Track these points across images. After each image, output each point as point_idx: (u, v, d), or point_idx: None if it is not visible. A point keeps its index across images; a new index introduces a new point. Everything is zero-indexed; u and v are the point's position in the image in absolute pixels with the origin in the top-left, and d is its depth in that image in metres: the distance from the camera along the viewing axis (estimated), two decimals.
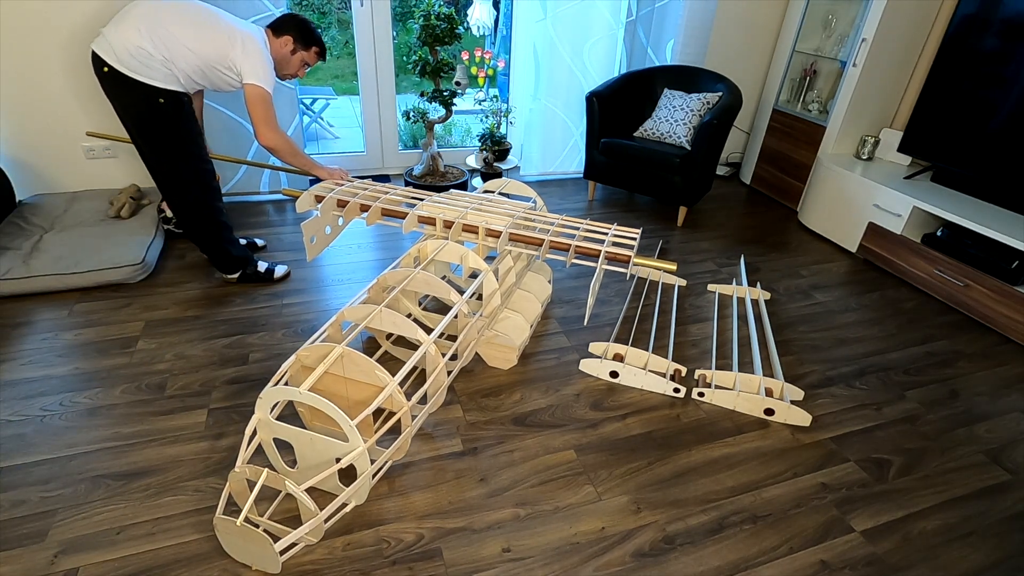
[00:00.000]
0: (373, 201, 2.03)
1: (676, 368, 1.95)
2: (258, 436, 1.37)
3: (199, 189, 2.10)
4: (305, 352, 1.40)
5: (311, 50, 2.17)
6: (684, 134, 3.07)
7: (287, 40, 2.09)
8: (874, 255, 2.80)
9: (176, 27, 1.87)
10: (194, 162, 2.06)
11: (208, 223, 2.17)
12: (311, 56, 2.18)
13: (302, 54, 2.15)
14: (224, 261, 2.28)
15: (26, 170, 2.68)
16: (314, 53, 2.19)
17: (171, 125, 1.97)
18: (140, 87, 1.86)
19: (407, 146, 3.71)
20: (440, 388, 1.56)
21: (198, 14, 1.93)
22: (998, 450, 1.76)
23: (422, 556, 1.35)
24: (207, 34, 1.90)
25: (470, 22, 3.19)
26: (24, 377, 1.81)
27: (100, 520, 1.38)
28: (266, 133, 2.00)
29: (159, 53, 1.85)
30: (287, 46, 2.10)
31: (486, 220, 1.95)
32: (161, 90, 1.89)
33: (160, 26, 1.85)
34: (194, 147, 2.05)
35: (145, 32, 1.83)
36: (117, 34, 1.84)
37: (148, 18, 1.86)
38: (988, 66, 2.47)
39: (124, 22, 1.86)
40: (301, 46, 2.13)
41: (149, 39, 1.84)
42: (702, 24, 3.30)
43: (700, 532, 1.45)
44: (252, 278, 2.34)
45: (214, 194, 2.16)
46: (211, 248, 2.24)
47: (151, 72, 1.86)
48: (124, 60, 1.84)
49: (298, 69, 2.19)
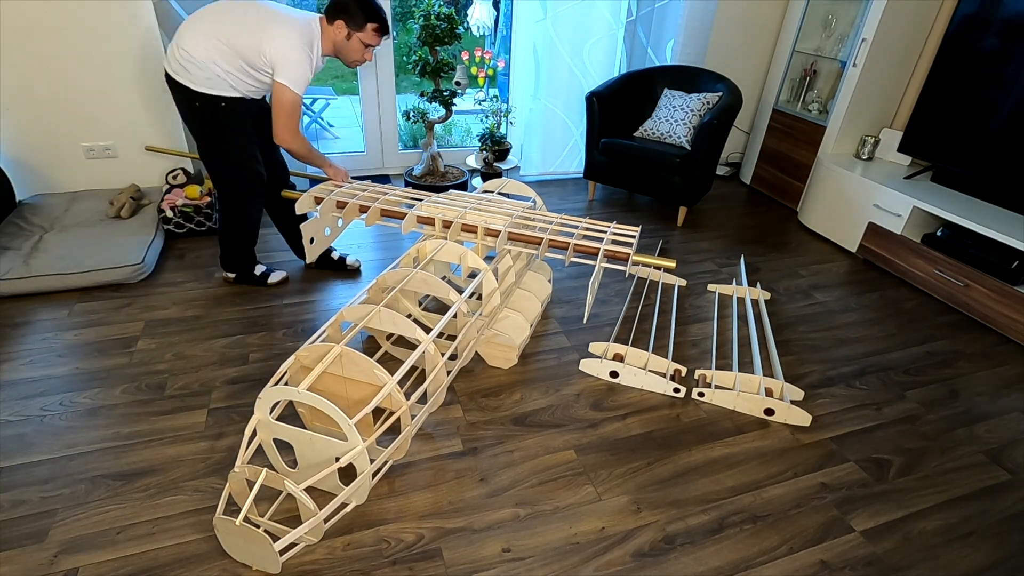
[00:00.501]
0: (372, 202, 2.03)
1: (676, 368, 1.95)
2: (258, 436, 1.37)
3: (231, 189, 2.10)
4: (304, 352, 1.40)
5: (367, 28, 1.94)
6: (684, 134, 3.07)
7: (340, 25, 1.92)
8: (874, 255, 2.80)
9: (224, 28, 1.84)
10: (229, 163, 2.05)
11: (230, 221, 2.18)
12: (369, 35, 1.96)
13: (358, 36, 1.95)
14: (227, 258, 2.28)
15: (26, 170, 2.68)
16: (371, 31, 1.95)
17: (208, 127, 1.97)
18: (182, 90, 1.90)
19: (407, 146, 3.72)
20: (440, 387, 1.56)
21: (250, 11, 1.88)
22: (998, 450, 1.76)
23: (422, 556, 1.35)
24: (249, 31, 1.84)
25: (470, 22, 3.19)
26: (24, 377, 1.81)
27: (100, 520, 1.38)
28: (284, 137, 1.97)
29: (202, 57, 1.84)
30: (341, 31, 1.93)
31: (485, 220, 1.95)
32: (197, 94, 1.89)
33: (209, 28, 1.84)
34: (232, 149, 2.03)
35: (195, 34, 1.84)
36: (176, 40, 1.87)
37: (202, 20, 1.86)
38: (988, 66, 2.47)
39: (184, 28, 1.87)
40: (355, 27, 1.93)
41: (195, 41, 1.84)
42: (702, 24, 3.30)
43: (700, 532, 1.45)
44: (247, 279, 2.33)
45: (248, 201, 2.14)
46: (223, 242, 2.25)
47: (192, 76, 1.87)
48: (173, 65, 1.88)
49: (362, 53, 2.00)
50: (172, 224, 2.63)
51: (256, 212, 2.19)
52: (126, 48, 2.57)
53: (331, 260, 2.49)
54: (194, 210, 2.63)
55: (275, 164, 2.26)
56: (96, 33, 2.51)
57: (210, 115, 1.94)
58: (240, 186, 2.10)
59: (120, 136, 2.74)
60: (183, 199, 2.63)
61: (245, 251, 2.27)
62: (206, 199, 2.67)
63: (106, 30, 2.51)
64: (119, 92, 2.65)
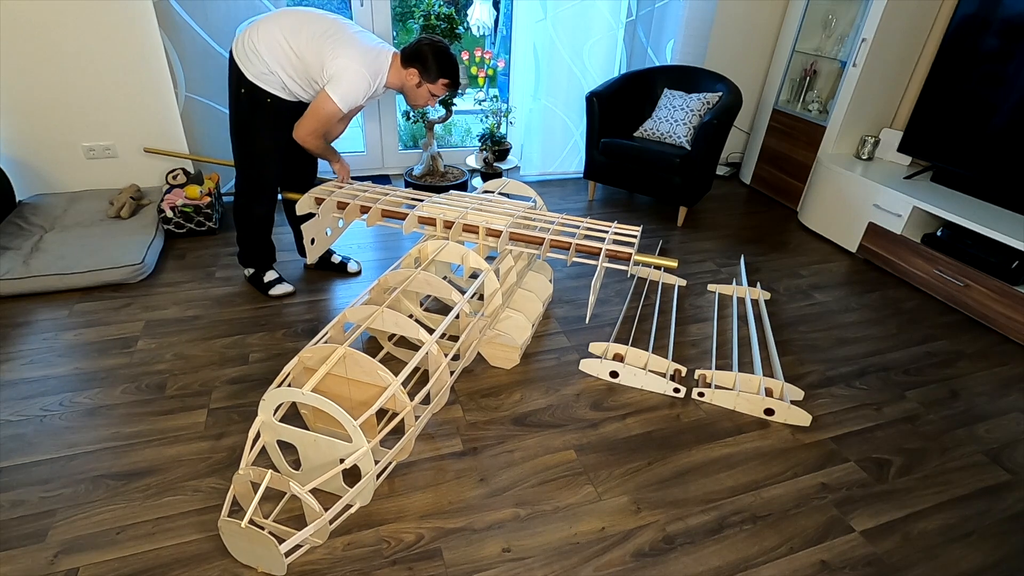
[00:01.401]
0: (373, 203, 2.03)
1: (676, 368, 1.95)
2: (262, 438, 1.37)
3: (243, 179, 2.12)
4: (308, 353, 1.40)
5: (438, 83, 2.04)
6: (684, 134, 3.08)
7: (412, 73, 2.00)
8: (874, 255, 2.81)
9: (298, 36, 1.87)
10: (249, 154, 2.07)
11: (238, 209, 2.19)
12: (439, 88, 2.06)
13: (428, 87, 2.04)
14: (241, 254, 2.31)
15: (26, 170, 2.68)
16: (442, 86, 2.05)
17: (245, 115, 1.98)
18: (235, 71, 1.92)
19: (407, 146, 3.71)
20: (443, 388, 1.56)
21: (327, 27, 1.90)
22: (998, 450, 1.76)
23: (422, 556, 1.35)
24: (320, 46, 1.88)
25: (470, 22, 3.18)
26: (24, 377, 1.81)
27: (100, 520, 1.38)
28: (305, 137, 1.99)
29: (265, 52, 1.87)
30: (412, 78, 2.01)
31: (486, 220, 1.95)
32: (248, 82, 1.90)
33: (285, 32, 1.87)
34: (258, 143, 2.04)
35: (269, 32, 1.87)
36: (251, 29, 1.90)
37: (282, 21, 1.89)
38: (988, 66, 2.48)
39: (263, 21, 1.90)
40: (428, 79, 2.02)
41: (266, 38, 1.86)
42: (702, 24, 3.30)
43: (700, 532, 1.45)
44: (255, 282, 2.32)
45: (256, 193, 2.14)
46: (238, 237, 2.26)
47: (251, 65, 1.89)
48: (239, 49, 1.91)
49: (427, 101, 2.10)
50: (172, 224, 2.63)
51: (261, 206, 2.17)
52: (126, 48, 2.56)
53: (331, 264, 2.49)
54: (194, 210, 2.63)
55: (306, 171, 2.30)
56: (96, 33, 2.50)
57: (252, 105, 1.96)
58: (252, 177, 2.11)
59: (120, 136, 2.74)
60: (183, 199, 2.63)
61: (255, 245, 2.26)
62: (206, 199, 2.67)
63: (106, 30, 2.51)
64: (119, 92, 2.64)
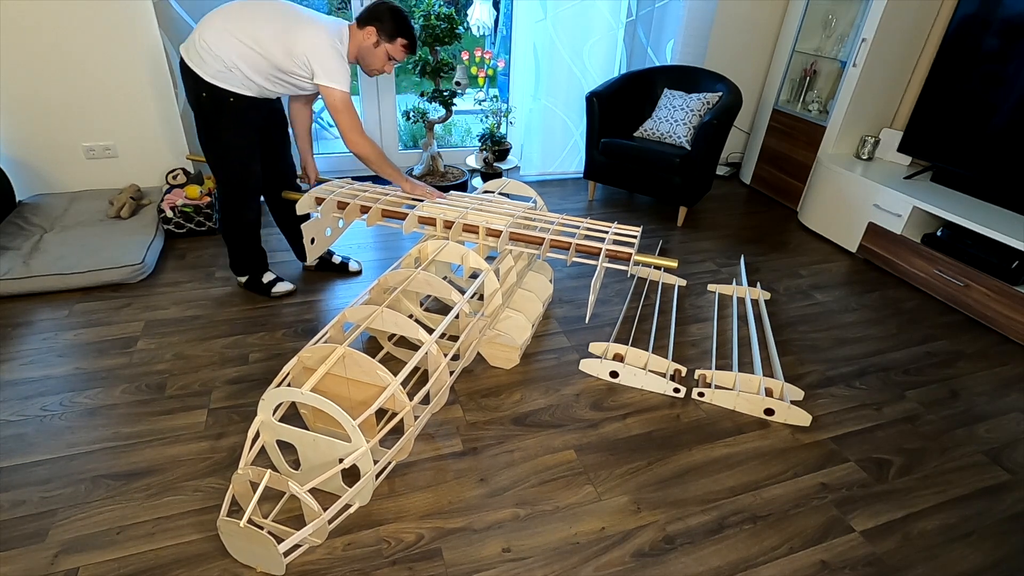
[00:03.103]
0: (373, 203, 2.03)
1: (676, 368, 1.95)
2: (261, 437, 1.37)
3: (227, 188, 2.07)
4: (307, 353, 1.40)
5: (397, 43, 1.96)
6: (684, 134, 3.07)
7: (370, 31, 1.92)
8: (874, 255, 2.81)
9: (250, 25, 1.82)
10: (225, 159, 2.01)
11: (227, 222, 2.14)
12: (397, 50, 1.97)
13: (386, 47, 1.95)
14: (232, 261, 2.26)
15: (26, 170, 2.68)
16: (401, 46, 1.97)
17: (210, 119, 1.93)
18: (193, 78, 1.85)
19: (407, 146, 3.71)
20: (442, 388, 1.56)
21: (278, 12, 1.85)
22: (998, 450, 1.76)
23: (422, 556, 1.35)
24: (276, 32, 1.82)
25: (470, 22, 3.18)
26: (24, 377, 1.81)
27: (100, 520, 1.38)
28: (357, 140, 1.94)
29: (219, 50, 1.81)
30: (370, 38, 1.93)
31: (486, 220, 1.95)
32: (207, 84, 1.85)
33: (235, 24, 1.81)
34: (229, 146, 1.99)
35: (219, 29, 1.81)
36: (199, 29, 1.84)
37: (228, 16, 1.83)
38: (988, 66, 2.47)
39: (208, 19, 1.85)
40: (385, 38, 1.94)
41: (218, 36, 1.81)
42: (702, 24, 3.30)
43: (700, 532, 1.45)
44: (255, 287, 2.30)
45: (242, 199, 2.09)
46: (225, 240, 2.22)
47: (206, 66, 1.83)
48: (190, 53, 1.85)
49: (383, 64, 2.00)
50: (172, 224, 2.63)
51: (251, 212, 2.13)
52: (126, 48, 2.57)
53: (332, 264, 2.48)
54: (194, 210, 2.63)
55: (285, 168, 2.25)
56: (96, 33, 2.50)
57: (215, 108, 1.90)
58: (234, 183, 2.06)
59: (120, 136, 2.74)
60: (183, 199, 2.63)
61: (247, 252, 2.24)
62: (206, 199, 2.67)
63: (106, 30, 2.51)
64: (119, 92, 2.64)
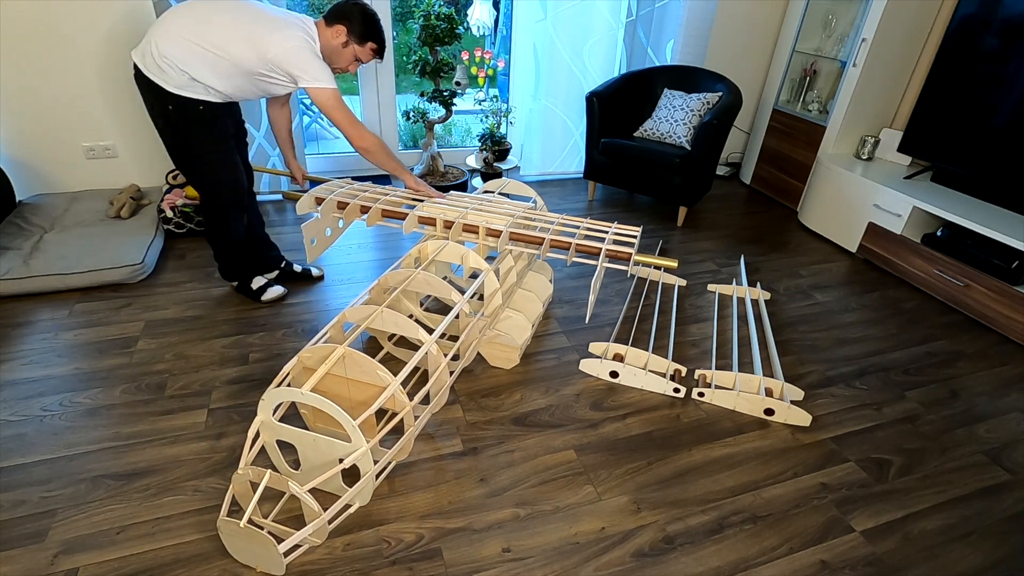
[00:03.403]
0: (373, 202, 2.03)
1: (676, 368, 1.95)
2: (261, 437, 1.37)
3: (212, 202, 2.02)
4: (307, 353, 1.40)
5: (367, 46, 1.91)
6: (684, 134, 3.07)
7: (339, 30, 1.85)
8: (874, 255, 2.81)
9: (210, 30, 1.73)
10: (207, 173, 1.96)
11: (213, 229, 2.10)
12: (366, 52, 1.92)
13: (355, 48, 1.89)
14: (222, 268, 2.23)
15: (26, 170, 2.68)
16: (370, 50, 1.92)
17: (182, 133, 1.85)
18: (154, 90, 1.77)
19: (407, 146, 3.71)
20: (442, 388, 1.56)
21: (239, 14, 1.76)
22: (998, 450, 1.76)
23: (422, 556, 1.35)
24: (242, 35, 1.74)
25: (470, 22, 3.19)
26: (24, 377, 1.81)
27: (100, 520, 1.38)
28: (360, 135, 1.89)
29: (181, 59, 1.72)
30: (338, 37, 1.85)
31: (486, 220, 1.95)
32: (172, 95, 1.77)
33: (195, 31, 1.72)
34: (209, 159, 1.92)
35: (176, 36, 1.72)
36: (153, 37, 1.74)
37: (183, 21, 1.74)
38: (988, 66, 2.47)
39: (161, 25, 1.75)
40: (355, 39, 1.87)
41: (176, 44, 1.72)
42: (702, 24, 3.30)
43: (700, 532, 1.45)
44: (244, 291, 2.26)
45: (228, 211, 2.04)
46: (215, 253, 2.19)
47: (168, 77, 1.75)
48: (147, 62, 1.75)
49: (349, 64, 1.94)
50: (172, 224, 2.63)
51: (238, 222, 2.10)
52: (126, 48, 2.56)
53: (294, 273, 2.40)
54: (194, 210, 2.63)
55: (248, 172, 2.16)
56: (96, 33, 2.51)
57: (185, 120, 1.82)
58: (219, 196, 2.01)
59: (120, 136, 2.74)
60: (183, 199, 2.63)
61: (237, 261, 2.20)
62: None
63: (106, 30, 2.51)
64: (119, 92, 2.64)
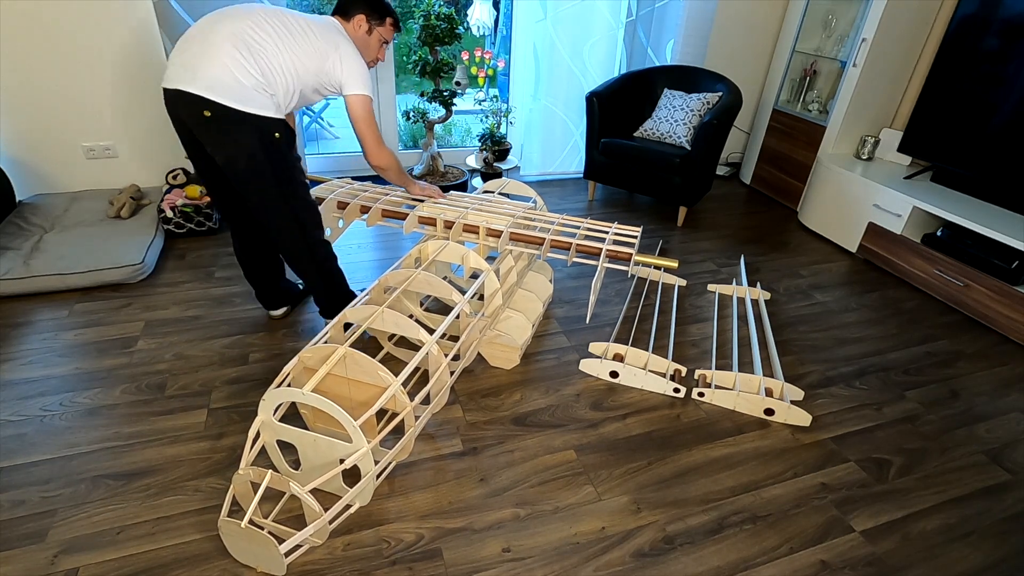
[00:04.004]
0: (373, 203, 2.03)
1: (676, 368, 1.95)
2: (261, 438, 1.37)
3: (314, 226, 1.85)
4: (308, 353, 1.40)
5: (386, 22, 1.84)
6: (684, 134, 3.07)
7: (359, 20, 1.78)
8: (874, 255, 2.81)
9: (273, 46, 1.59)
10: (306, 201, 1.81)
11: (331, 262, 1.93)
12: (387, 30, 1.86)
13: (378, 31, 1.83)
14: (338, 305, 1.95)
15: (26, 170, 2.68)
16: (390, 26, 1.86)
17: (285, 159, 1.69)
18: (254, 121, 1.58)
19: (407, 146, 3.72)
20: (443, 388, 1.57)
21: (284, 23, 1.63)
22: (998, 450, 1.76)
23: (422, 556, 1.35)
24: (305, 46, 1.64)
25: (470, 22, 3.19)
26: (24, 377, 1.81)
27: (100, 520, 1.38)
28: (380, 153, 1.83)
29: (260, 82, 1.57)
30: (361, 27, 1.79)
31: (487, 220, 1.95)
32: (276, 122, 1.62)
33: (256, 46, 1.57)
34: (300, 179, 1.78)
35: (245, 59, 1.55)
36: (209, 66, 1.52)
37: (240, 43, 1.55)
38: (988, 66, 2.47)
39: (210, 50, 1.53)
40: (376, 21, 1.81)
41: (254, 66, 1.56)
42: (702, 24, 3.30)
43: (700, 532, 1.45)
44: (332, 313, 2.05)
45: (318, 224, 1.88)
46: (329, 291, 1.96)
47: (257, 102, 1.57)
48: (230, 93, 1.54)
49: (378, 51, 1.87)
50: (172, 224, 2.63)
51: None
52: (126, 48, 2.57)
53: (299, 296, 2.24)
54: (194, 210, 2.63)
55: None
56: (96, 33, 2.51)
57: (289, 143, 1.69)
58: (314, 217, 1.84)
59: (120, 136, 2.74)
60: (183, 199, 2.63)
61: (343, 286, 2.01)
62: (206, 199, 2.66)
63: (106, 30, 2.51)
64: (119, 92, 2.64)
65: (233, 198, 1.85)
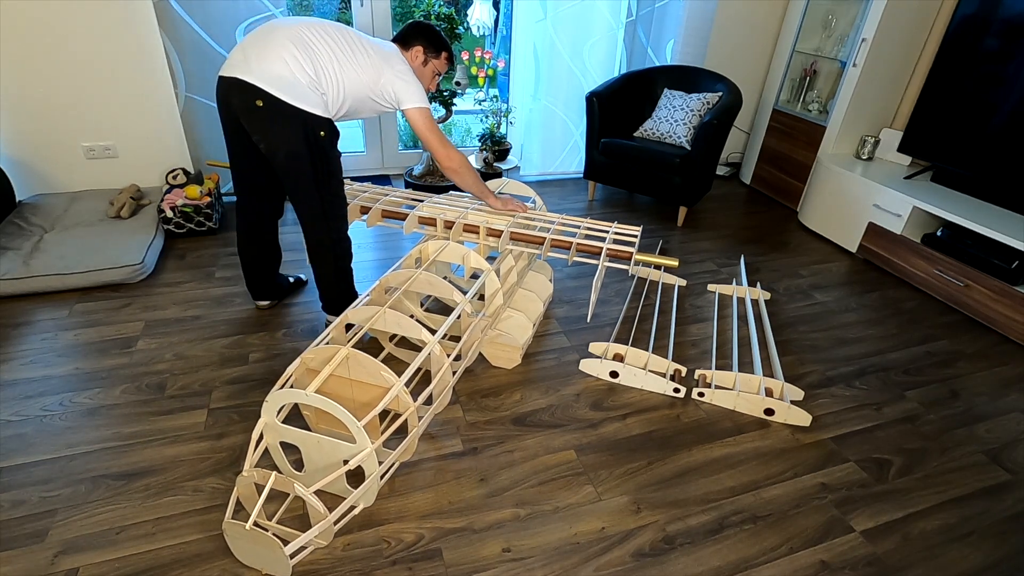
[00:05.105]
0: (373, 203, 2.03)
1: (676, 368, 1.95)
2: (264, 439, 1.37)
3: (341, 220, 1.93)
4: (310, 354, 1.39)
5: (441, 56, 1.96)
6: (684, 134, 3.08)
7: (417, 52, 1.90)
8: (874, 255, 2.81)
9: (329, 53, 1.70)
10: (341, 197, 1.91)
11: (347, 259, 2.01)
12: (442, 63, 1.98)
13: (433, 63, 1.95)
14: (341, 301, 2.03)
15: (26, 170, 2.68)
16: (444, 59, 1.98)
17: (327, 155, 1.79)
18: (302, 117, 1.67)
19: (407, 146, 3.71)
20: (445, 388, 1.56)
21: (345, 37, 1.75)
22: (998, 450, 1.76)
23: (422, 556, 1.35)
24: (361, 59, 1.75)
25: (470, 22, 3.18)
26: (24, 377, 1.81)
27: (100, 520, 1.38)
28: (450, 155, 1.88)
29: (313, 80, 1.68)
30: (418, 58, 1.91)
31: (487, 220, 1.95)
32: (322, 120, 1.71)
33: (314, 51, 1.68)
34: (340, 176, 1.88)
35: (302, 58, 1.65)
36: (267, 61, 1.63)
37: (299, 43, 1.66)
38: (988, 66, 2.48)
39: (270, 47, 1.64)
40: (432, 54, 1.93)
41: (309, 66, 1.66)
42: (702, 24, 3.30)
43: (700, 532, 1.45)
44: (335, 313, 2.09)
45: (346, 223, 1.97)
46: (338, 286, 2.02)
47: (309, 100, 1.67)
48: (284, 88, 1.63)
49: (431, 81, 1.98)
50: (172, 224, 2.63)
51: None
52: (126, 48, 2.56)
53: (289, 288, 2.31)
54: (194, 210, 2.63)
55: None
56: (96, 33, 2.50)
57: (332, 139, 1.79)
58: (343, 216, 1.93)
59: (120, 136, 2.74)
60: (183, 199, 2.63)
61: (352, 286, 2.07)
62: (206, 199, 2.67)
63: (106, 30, 2.51)
64: (119, 92, 2.64)
65: (257, 179, 1.93)
